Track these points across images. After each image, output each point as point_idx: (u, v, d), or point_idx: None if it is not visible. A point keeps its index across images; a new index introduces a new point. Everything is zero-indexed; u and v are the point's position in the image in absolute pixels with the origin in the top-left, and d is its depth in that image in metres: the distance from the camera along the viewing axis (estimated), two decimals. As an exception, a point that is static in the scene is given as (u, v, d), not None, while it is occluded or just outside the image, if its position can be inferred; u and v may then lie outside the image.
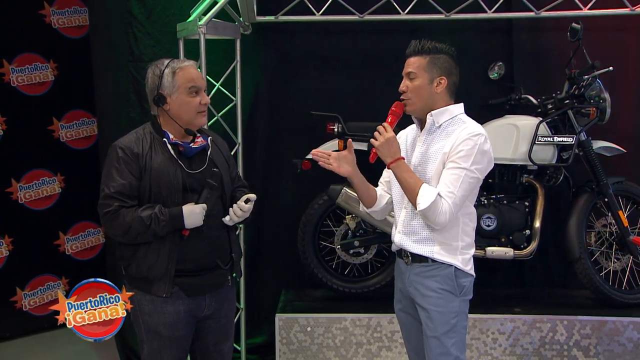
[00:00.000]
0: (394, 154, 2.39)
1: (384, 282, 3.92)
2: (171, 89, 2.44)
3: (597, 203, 3.85)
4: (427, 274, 2.47)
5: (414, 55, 2.45)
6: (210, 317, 2.57)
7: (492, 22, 4.01)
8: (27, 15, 4.55)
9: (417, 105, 2.46)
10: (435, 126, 2.46)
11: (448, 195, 2.33)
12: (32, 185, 4.68)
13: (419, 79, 2.42)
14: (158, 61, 2.51)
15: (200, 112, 2.49)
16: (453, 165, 2.35)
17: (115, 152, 2.41)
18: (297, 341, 3.72)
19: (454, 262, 2.45)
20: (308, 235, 3.88)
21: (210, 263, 2.50)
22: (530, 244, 3.73)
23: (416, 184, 2.37)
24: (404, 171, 2.40)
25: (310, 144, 3.75)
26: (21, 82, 4.56)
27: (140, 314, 2.47)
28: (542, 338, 3.64)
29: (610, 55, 3.90)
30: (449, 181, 2.35)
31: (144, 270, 2.42)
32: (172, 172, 2.42)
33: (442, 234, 2.44)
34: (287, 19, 3.90)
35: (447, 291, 2.45)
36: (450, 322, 2.45)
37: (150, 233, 2.36)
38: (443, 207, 2.32)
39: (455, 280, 2.45)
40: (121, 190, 2.36)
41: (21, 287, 4.65)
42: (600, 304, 3.80)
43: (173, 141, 2.46)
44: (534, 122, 3.71)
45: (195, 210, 2.39)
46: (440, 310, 2.45)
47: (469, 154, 2.34)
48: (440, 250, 2.45)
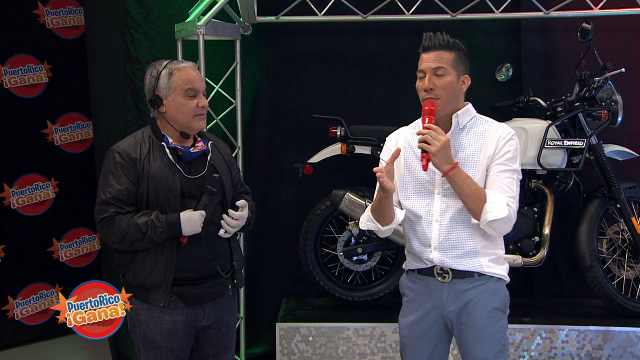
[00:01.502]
0: (452, 160, 2.19)
1: (388, 290, 3.91)
2: (167, 91, 2.41)
3: (609, 209, 3.82)
4: (474, 290, 2.30)
5: (439, 49, 2.25)
6: (210, 328, 2.53)
7: (500, 22, 4.01)
8: (20, 15, 4.51)
9: (447, 105, 2.27)
10: (459, 128, 2.32)
11: (511, 200, 2.21)
12: (25, 190, 4.64)
13: (449, 76, 2.24)
14: (156, 62, 2.49)
15: (198, 115, 2.43)
16: (504, 168, 2.23)
17: (112, 156, 2.38)
18: (299, 351, 3.68)
19: (502, 273, 2.33)
20: (310, 241, 3.86)
21: (209, 271, 2.46)
22: (540, 251, 3.70)
23: (481, 191, 2.20)
24: (465, 178, 2.20)
25: (312, 147, 3.85)
26: (14, 84, 4.53)
27: (137, 323, 2.44)
28: (552, 348, 3.60)
29: (622, 56, 3.90)
30: (506, 186, 2.22)
31: (141, 279, 2.39)
32: (170, 177, 2.38)
33: (487, 243, 2.29)
34: (288, 19, 3.90)
35: (498, 309, 2.32)
36: (501, 341, 2.32)
37: (146, 240, 2.32)
38: (510, 214, 2.19)
39: (504, 295, 2.33)
40: (117, 196, 2.33)
41: (13, 296, 4.60)
42: (612, 313, 3.77)
43: (172, 145, 2.43)
44: (543, 125, 3.68)
45: (194, 217, 2.35)
46: (492, 331, 2.30)
47: (515, 154, 2.25)
48: (489, 262, 2.30)
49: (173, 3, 3.83)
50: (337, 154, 3.79)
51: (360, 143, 3.75)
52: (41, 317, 4.66)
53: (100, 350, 4.26)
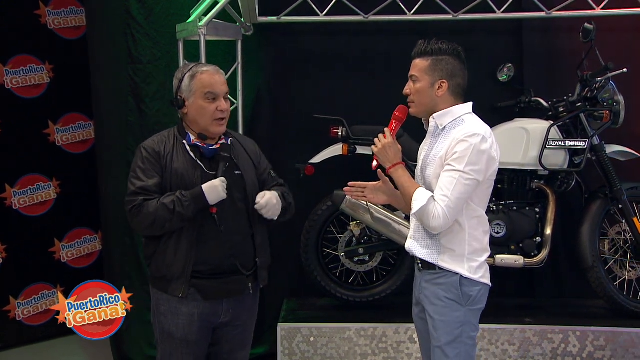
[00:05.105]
0: (392, 160, 2.45)
1: (389, 290, 3.90)
2: (189, 93, 2.51)
3: (611, 209, 3.81)
4: (434, 281, 2.44)
5: (417, 57, 2.45)
6: (227, 325, 2.58)
7: (502, 22, 4.00)
8: (22, 15, 4.50)
9: (420, 108, 2.47)
10: (439, 129, 2.44)
11: (441, 199, 2.31)
12: (27, 190, 4.62)
13: (420, 82, 2.42)
14: (185, 64, 2.63)
15: (217, 119, 2.52)
16: (447, 168, 2.33)
17: (139, 153, 2.51)
18: (300, 352, 3.67)
19: (458, 270, 2.40)
20: (311, 242, 3.86)
21: (229, 267, 2.51)
22: (541, 251, 3.70)
23: (411, 188, 2.40)
24: (401, 176, 2.44)
25: (313, 148, 3.84)
26: (16, 84, 4.52)
27: (157, 314, 2.54)
28: (554, 350, 3.59)
29: (624, 56, 3.87)
30: (442, 184, 2.32)
31: (163, 270, 2.48)
32: (191, 173, 2.48)
33: (446, 239, 2.40)
34: (290, 19, 3.90)
35: (451, 300, 2.41)
36: (454, 332, 2.40)
37: (176, 218, 2.39)
38: (436, 211, 2.30)
39: (460, 288, 2.40)
40: (145, 186, 2.44)
41: (15, 296, 4.59)
42: (614, 314, 3.76)
43: (193, 142, 2.52)
44: (545, 125, 3.68)
45: (215, 184, 2.42)
46: (444, 320, 2.41)
47: (462, 155, 2.30)
48: (445, 258, 2.41)
49: (175, 3, 3.83)
50: (339, 154, 3.78)
51: (361, 143, 3.75)
52: (42, 318, 4.65)
53: (101, 351, 4.24)
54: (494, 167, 2.38)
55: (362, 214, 3.68)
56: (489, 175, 2.36)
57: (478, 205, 2.40)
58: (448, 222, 2.32)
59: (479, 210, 2.41)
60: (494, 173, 2.39)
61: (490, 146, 2.32)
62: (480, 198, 2.40)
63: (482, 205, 2.43)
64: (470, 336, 2.42)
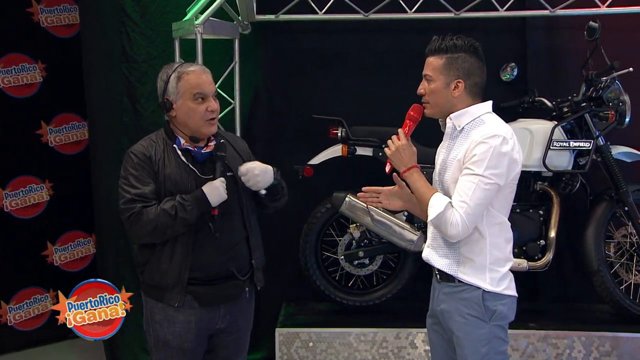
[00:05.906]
0: (407, 163, 2.35)
1: (390, 294, 3.89)
2: (176, 95, 2.44)
3: (617, 212, 3.79)
4: (455, 296, 2.33)
5: (430, 55, 2.34)
6: (223, 331, 2.56)
7: (505, 20, 3.99)
8: (13, 13, 4.47)
9: (435, 109, 2.36)
10: (457, 130, 2.33)
11: (460, 205, 2.20)
12: (19, 192, 4.59)
13: (434, 82, 2.32)
14: (168, 65, 2.53)
15: (208, 120, 2.46)
16: (466, 172, 2.22)
17: (129, 158, 2.44)
18: (299, 357, 3.67)
19: (480, 283, 2.28)
20: (310, 245, 3.86)
21: (225, 272, 2.48)
22: (545, 255, 3.67)
23: (427, 193, 2.29)
24: (416, 181, 2.34)
25: (312, 148, 3.84)
26: (7, 83, 4.49)
27: (151, 322, 2.49)
28: (559, 355, 3.57)
29: (630, 55, 3.84)
30: (461, 190, 2.21)
31: (157, 279, 2.44)
32: (185, 178, 2.44)
33: (466, 248, 2.29)
34: (288, 17, 3.88)
35: (474, 317, 2.29)
36: (480, 350, 2.28)
37: (179, 223, 2.35)
38: (454, 218, 2.19)
39: (482, 304, 2.28)
40: (142, 194, 2.38)
41: (6, 301, 4.56)
42: (620, 318, 3.75)
43: (184, 147, 2.47)
44: (549, 126, 3.66)
45: (216, 185, 2.39)
46: (469, 338, 2.29)
47: (481, 158, 2.19)
48: (465, 269, 2.29)
49: (170, 1, 3.82)
50: (338, 156, 3.76)
51: (361, 144, 3.74)
52: (35, 323, 4.61)
53: (95, 356, 4.21)
54: (516, 170, 2.27)
55: (362, 217, 3.67)
56: (510, 179, 2.25)
57: (499, 212, 2.29)
58: (467, 229, 2.20)
59: (500, 216, 2.30)
60: (516, 176, 2.28)
61: (511, 148, 2.22)
62: (501, 203, 2.29)
63: (504, 212, 2.32)
64: (498, 351, 2.31)
